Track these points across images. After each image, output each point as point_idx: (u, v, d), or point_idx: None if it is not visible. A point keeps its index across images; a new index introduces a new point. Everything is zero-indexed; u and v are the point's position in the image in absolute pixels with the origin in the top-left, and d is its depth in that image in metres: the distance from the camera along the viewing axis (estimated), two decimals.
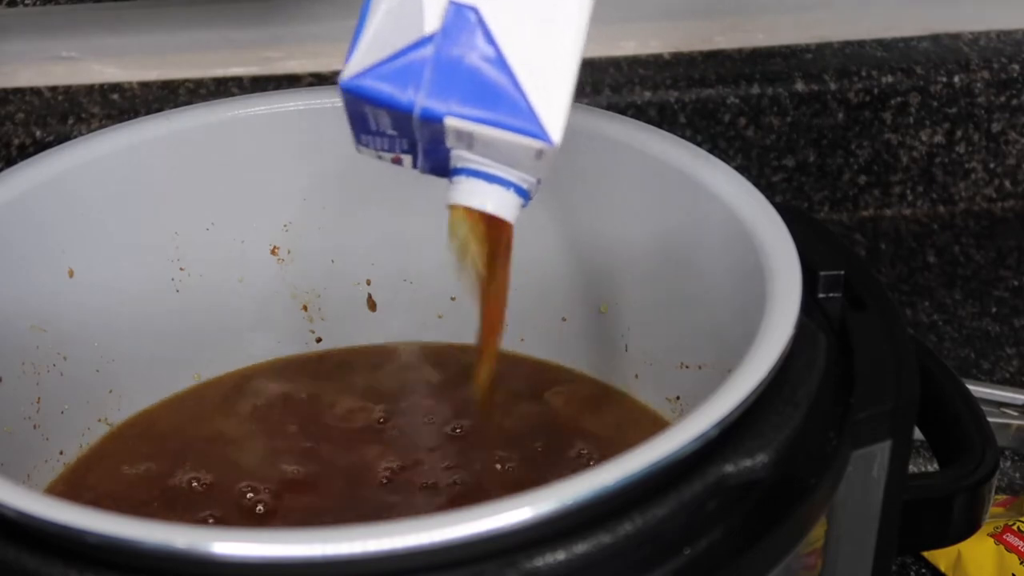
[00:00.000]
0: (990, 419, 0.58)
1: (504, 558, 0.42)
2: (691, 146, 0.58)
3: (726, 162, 0.58)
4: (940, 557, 0.69)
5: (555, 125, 0.46)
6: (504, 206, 0.48)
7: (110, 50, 0.89)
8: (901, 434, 0.50)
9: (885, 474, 0.50)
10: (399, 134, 0.48)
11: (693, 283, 0.58)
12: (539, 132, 0.46)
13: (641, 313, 0.62)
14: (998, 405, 0.77)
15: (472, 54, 0.46)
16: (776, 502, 0.46)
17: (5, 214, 0.57)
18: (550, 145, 0.46)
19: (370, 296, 0.66)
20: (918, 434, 0.56)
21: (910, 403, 0.50)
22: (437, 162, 0.49)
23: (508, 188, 0.48)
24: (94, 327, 0.61)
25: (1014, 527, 0.68)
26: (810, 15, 0.93)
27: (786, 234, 0.53)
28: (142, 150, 0.61)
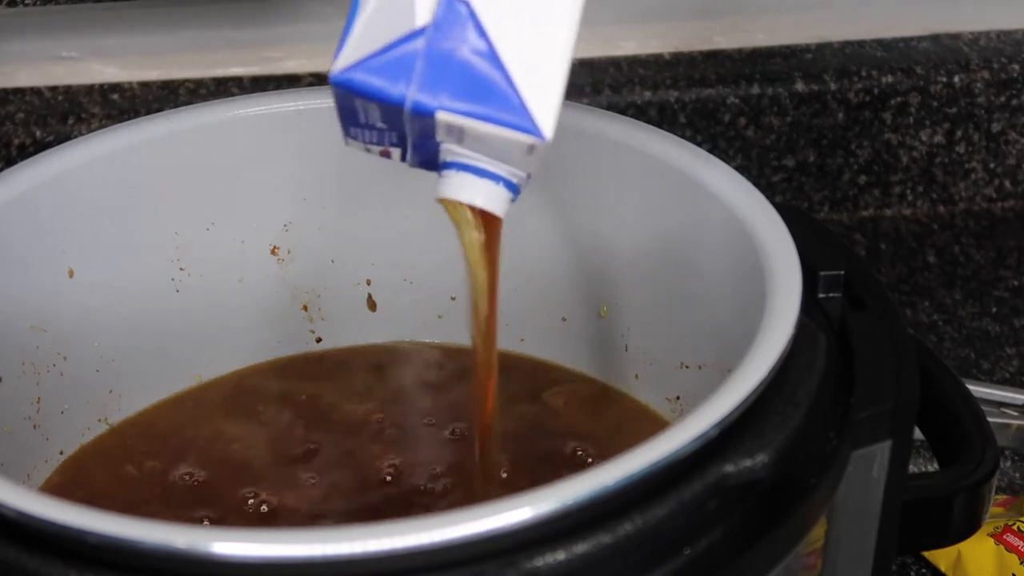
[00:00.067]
0: (990, 419, 0.57)
1: (504, 558, 0.42)
2: (691, 146, 0.58)
3: (726, 162, 0.58)
4: (940, 557, 0.69)
5: (547, 120, 0.46)
6: (494, 201, 0.48)
7: (110, 50, 0.89)
8: (901, 434, 0.50)
9: (885, 474, 0.50)
10: (389, 127, 0.47)
11: (693, 283, 0.58)
12: (531, 127, 0.46)
13: (641, 313, 0.62)
14: (998, 405, 0.77)
15: (463, 48, 0.46)
16: (776, 502, 0.46)
17: (5, 214, 0.57)
18: (542, 140, 0.46)
19: (370, 296, 0.66)
20: (918, 434, 0.56)
21: (910, 403, 0.50)
22: (426, 155, 0.48)
23: (498, 183, 0.48)
24: (94, 327, 0.61)
25: (1014, 527, 0.68)
26: (810, 15, 0.93)
27: (786, 234, 0.53)
28: (142, 150, 0.61)
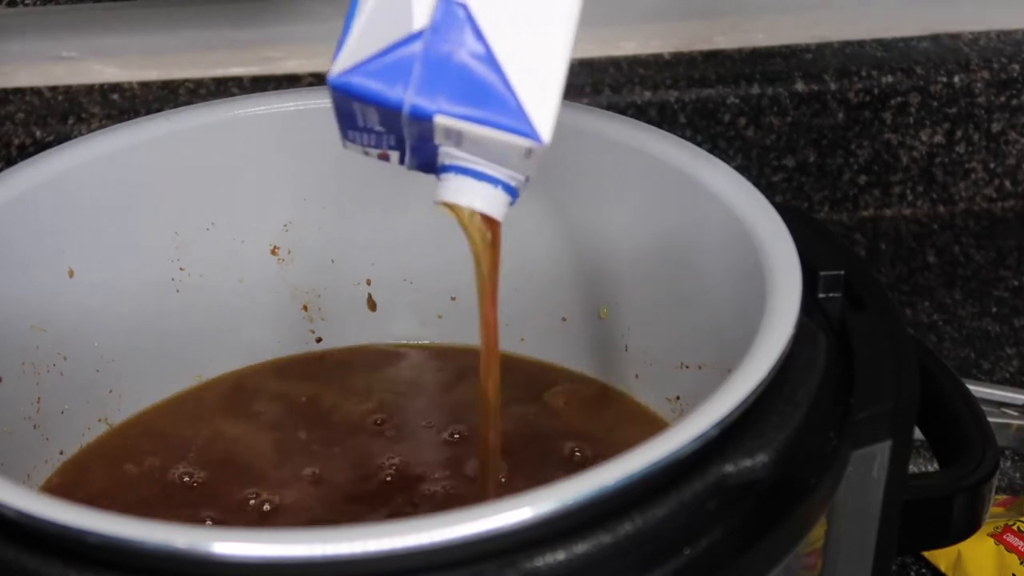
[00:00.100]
0: (990, 419, 0.57)
1: (504, 558, 0.42)
2: (691, 146, 0.58)
3: (726, 162, 0.58)
4: (940, 557, 0.69)
5: (545, 124, 0.46)
6: (492, 204, 0.48)
7: (110, 50, 0.89)
8: (901, 434, 0.50)
9: (885, 474, 0.50)
10: (387, 130, 0.47)
11: (693, 283, 0.58)
12: (529, 131, 0.45)
13: (641, 313, 0.62)
14: (998, 405, 0.77)
15: (461, 51, 0.45)
16: (776, 502, 0.46)
17: (5, 214, 0.57)
18: (540, 144, 0.46)
19: (370, 296, 0.66)
20: (918, 434, 0.56)
21: (910, 403, 0.50)
22: (425, 158, 0.48)
23: (496, 186, 0.48)
24: (94, 327, 0.61)
25: (1014, 527, 0.68)
26: (810, 15, 0.93)
27: (786, 234, 0.53)
28: (142, 150, 0.61)
